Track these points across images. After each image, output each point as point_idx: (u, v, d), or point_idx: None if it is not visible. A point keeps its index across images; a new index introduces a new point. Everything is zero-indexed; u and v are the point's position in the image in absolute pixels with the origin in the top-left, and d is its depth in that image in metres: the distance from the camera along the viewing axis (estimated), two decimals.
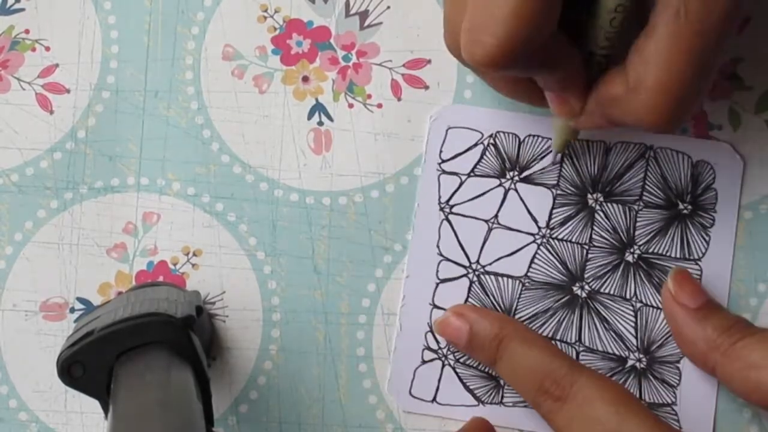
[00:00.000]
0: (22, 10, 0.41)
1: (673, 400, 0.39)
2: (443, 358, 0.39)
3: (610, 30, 0.32)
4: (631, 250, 0.39)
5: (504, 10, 0.29)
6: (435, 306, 0.40)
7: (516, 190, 0.40)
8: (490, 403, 0.39)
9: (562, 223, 0.40)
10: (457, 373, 0.39)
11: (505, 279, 0.40)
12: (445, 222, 0.40)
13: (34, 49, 0.41)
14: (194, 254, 0.41)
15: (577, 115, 0.35)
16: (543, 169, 0.40)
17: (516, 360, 0.37)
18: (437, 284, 0.40)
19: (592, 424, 0.34)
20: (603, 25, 0.32)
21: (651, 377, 0.39)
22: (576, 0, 0.31)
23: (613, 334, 0.39)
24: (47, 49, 0.41)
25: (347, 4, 0.41)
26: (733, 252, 0.39)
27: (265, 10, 0.41)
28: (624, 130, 0.39)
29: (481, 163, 0.40)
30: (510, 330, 0.38)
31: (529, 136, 0.40)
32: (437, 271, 0.40)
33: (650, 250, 0.39)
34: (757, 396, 0.35)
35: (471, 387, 0.39)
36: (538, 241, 0.40)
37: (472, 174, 0.40)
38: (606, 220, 0.39)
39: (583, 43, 0.33)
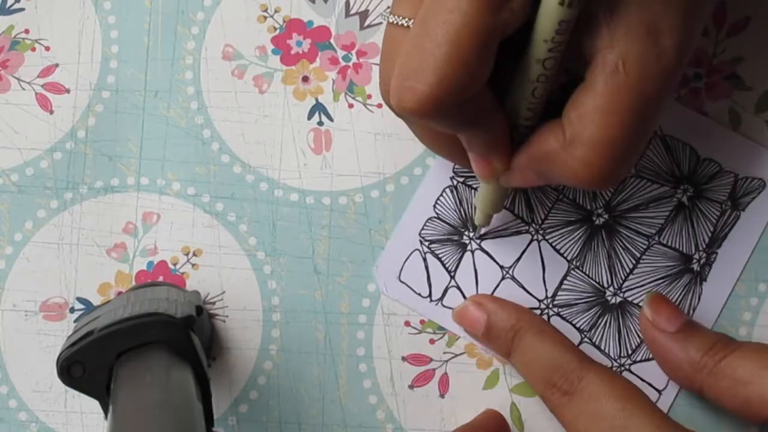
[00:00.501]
0: (22, 10, 0.41)
1: None
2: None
3: (532, 101, 0.31)
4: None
5: (437, 57, 0.28)
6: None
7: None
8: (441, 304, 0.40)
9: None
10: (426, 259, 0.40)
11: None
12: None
13: (34, 49, 0.41)
14: (194, 254, 0.41)
15: (499, 176, 0.34)
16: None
17: (528, 352, 0.37)
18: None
19: (598, 420, 0.34)
20: (525, 96, 0.31)
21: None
22: (503, 66, 0.31)
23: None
24: (47, 48, 0.41)
25: (347, 4, 0.41)
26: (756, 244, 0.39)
27: (265, 10, 0.41)
28: None
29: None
30: (526, 322, 0.38)
31: None
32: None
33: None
34: (747, 411, 0.35)
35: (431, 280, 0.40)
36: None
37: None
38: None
39: (510, 102, 0.32)
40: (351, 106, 0.41)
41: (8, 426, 0.40)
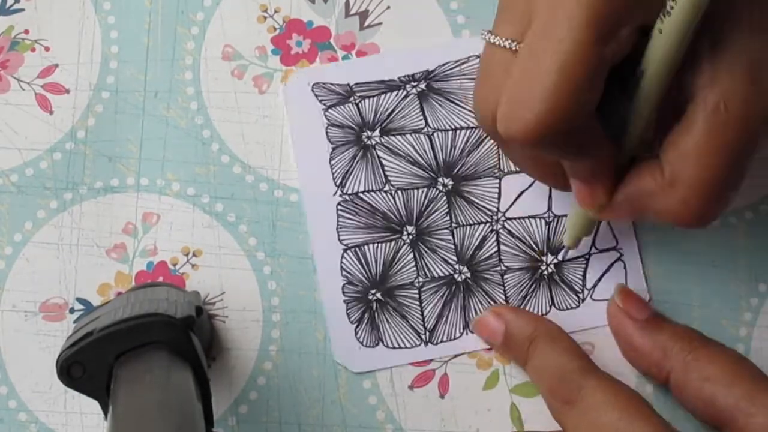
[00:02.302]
0: (22, 10, 0.41)
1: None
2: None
3: (644, 135, 0.31)
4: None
5: (546, 86, 0.28)
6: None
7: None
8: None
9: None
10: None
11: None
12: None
13: (33, 49, 0.41)
14: (194, 254, 0.41)
15: (602, 207, 0.34)
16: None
17: (539, 361, 0.37)
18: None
19: (597, 429, 0.34)
20: (636, 132, 0.31)
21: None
22: (613, 92, 0.31)
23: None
24: (47, 49, 0.41)
25: (347, 4, 0.41)
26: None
27: (265, 10, 0.41)
28: None
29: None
30: (542, 331, 0.38)
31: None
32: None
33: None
34: (707, 410, 0.35)
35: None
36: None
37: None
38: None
39: (615, 133, 0.32)
40: None
41: (8, 426, 0.40)
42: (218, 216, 0.41)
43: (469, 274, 0.40)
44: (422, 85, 0.40)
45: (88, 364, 0.32)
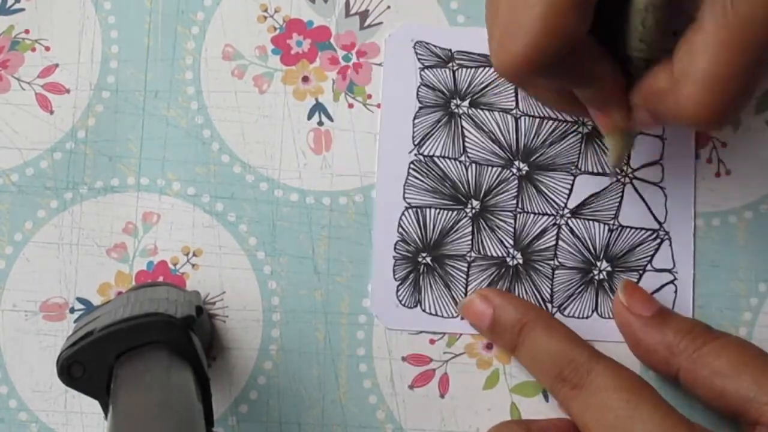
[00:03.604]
0: (22, 10, 0.41)
1: None
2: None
3: (643, 31, 0.31)
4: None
5: (530, 16, 0.29)
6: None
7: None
8: None
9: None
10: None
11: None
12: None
13: (34, 49, 0.41)
14: (194, 254, 0.41)
15: (622, 128, 0.34)
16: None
17: (537, 347, 0.37)
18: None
19: (604, 412, 0.34)
20: (636, 26, 0.31)
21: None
22: (609, 7, 0.31)
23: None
24: (47, 49, 0.41)
25: (347, 4, 0.41)
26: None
27: (265, 10, 0.41)
28: None
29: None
30: (532, 316, 0.38)
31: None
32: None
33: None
34: (719, 404, 0.35)
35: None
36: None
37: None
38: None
39: (620, 50, 0.32)
40: (351, 106, 0.41)
41: (8, 426, 0.40)
42: (218, 216, 0.41)
43: (521, 261, 0.40)
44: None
45: (89, 364, 0.32)
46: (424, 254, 0.40)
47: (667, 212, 0.40)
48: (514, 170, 0.40)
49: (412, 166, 0.40)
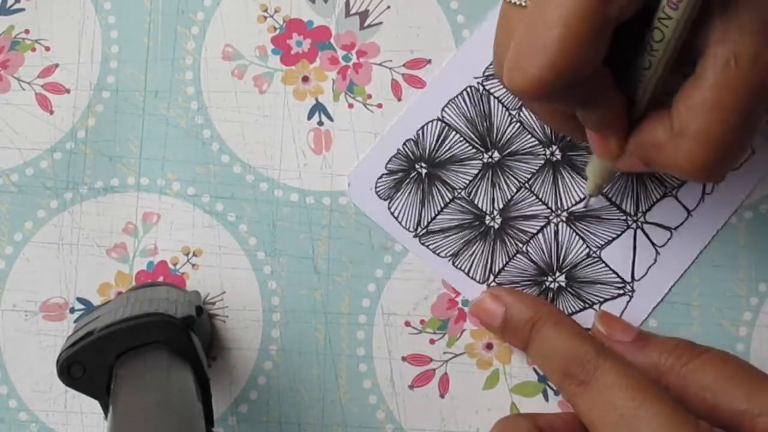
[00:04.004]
0: (22, 10, 0.41)
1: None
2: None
3: (644, 75, 0.32)
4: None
5: (550, 39, 0.29)
6: None
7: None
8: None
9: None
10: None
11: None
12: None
13: (34, 49, 0.41)
14: (194, 254, 0.41)
15: (616, 157, 0.34)
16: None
17: (546, 343, 0.37)
18: None
19: (610, 410, 0.34)
20: (649, 85, 0.32)
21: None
22: (624, 43, 0.31)
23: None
24: (47, 49, 0.41)
25: (347, 4, 0.41)
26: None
27: (265, 10, 0.41)
28: None
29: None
30: (544, 313, 0.38)
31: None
32: None
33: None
34: (713, 417, 0.35)
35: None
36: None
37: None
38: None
39: (628, 87, 0.32)
40: (351, 106, 0.41)
41: (8, 426, 0.40)
42: (218, 216, 0.41)
43: (497, 224, 0.40)
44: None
45: (89, 364, 0.32)
46: (423, 164, 0.40)
47: (646, 273, 0.40)
48: (548, 154, 0.40)
49: (466, 90, 0.40)
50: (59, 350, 0.33)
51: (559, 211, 0.40)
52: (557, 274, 0.40)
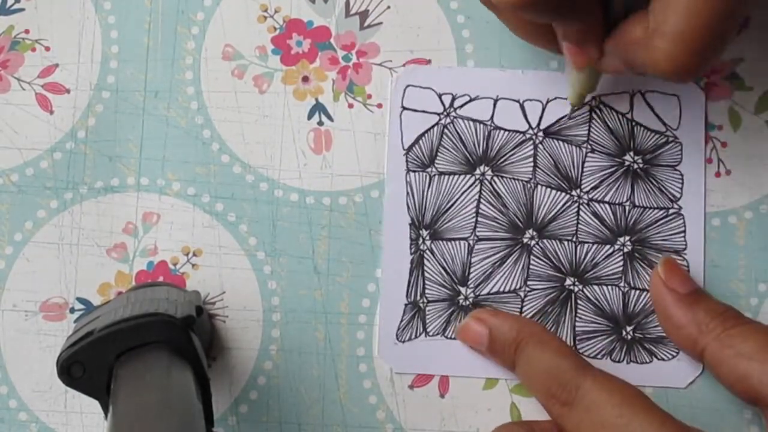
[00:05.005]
0: (22, 10, 0.41)
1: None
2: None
3: None
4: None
5: None
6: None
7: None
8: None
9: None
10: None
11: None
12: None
13: (34, 49, 0.41)
14: (194, 254, 0.41)
15: (593, 63, 0.34)
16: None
17: (530, 364, 0.37)
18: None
19: (598, 429, 0.34)
20: None
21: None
22: None
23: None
24: (47, 49, 0.41)
25: (347, 4, 0.41)
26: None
27: (265, 10, 0.41)
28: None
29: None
30: (526, 334, 0.38)
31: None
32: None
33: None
34: (741, 386, 0.35)
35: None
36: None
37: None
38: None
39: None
40: (351, 106, 0.41)
41: (8, 426, 0.40)
42: (218, 216, 0.41)
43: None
44: (425, 235, 0.40)
45: (89, 364, 0.32)
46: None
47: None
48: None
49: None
50: (59, 350, 0.33)
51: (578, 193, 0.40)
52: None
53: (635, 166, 0.40)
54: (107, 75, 0.41)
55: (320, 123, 0.41)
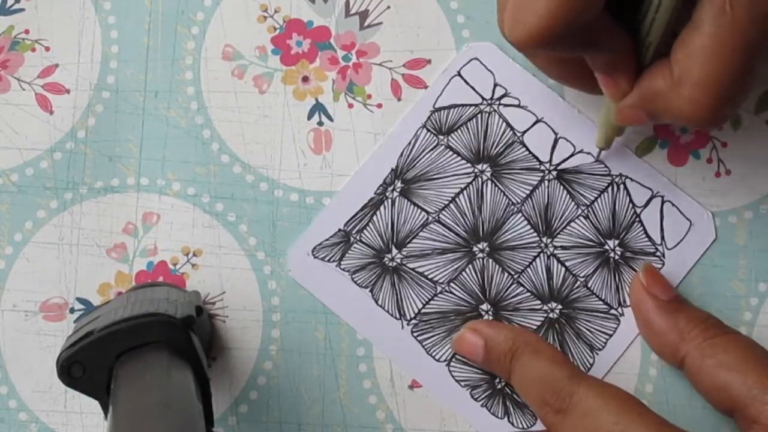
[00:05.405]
0: (22, 10, 0.41)
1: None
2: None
3: (656, 18, 0.32)
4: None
5: None
6: None
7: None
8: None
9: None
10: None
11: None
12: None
13: (34, 49, 0.41)
14: (194, 254, 0.41)
15: (625, 95, 0.34)
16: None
17: (524, 373, 0.37)
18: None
19: None
20: (650, 13, 0.32)
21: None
22: None
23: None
24: (47, 49, 0.41)
25: (347, 4, 0.41)
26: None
27: (265, 10, 0.41)
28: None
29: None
30: (521, 343, 0.37)
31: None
32: None
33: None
34: (719, 396, 0.35)
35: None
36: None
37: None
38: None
39: (634, 30, 0.33)
40: (351, 106, 0.41)
41: (8, 426, 0.40)
42: (218, 216, 0.41)
43: (561, 307, 0.39)
44: (398, 185, 0.40)
45: (89, 364, 0.32)
46: (497, 380, 0.40)
47: (604, 163, 0.40)
48: (480, 254, 0.40)
49: (415, 333, 0.40)
50: (59, 350, 0.33)
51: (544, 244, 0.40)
52: (611, 242, 0.40)
53: (612, 255, 0.40)
54: (107, 75, 0.41)
55: (320, 123, 0.41)
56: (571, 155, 0.40)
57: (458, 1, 0.41)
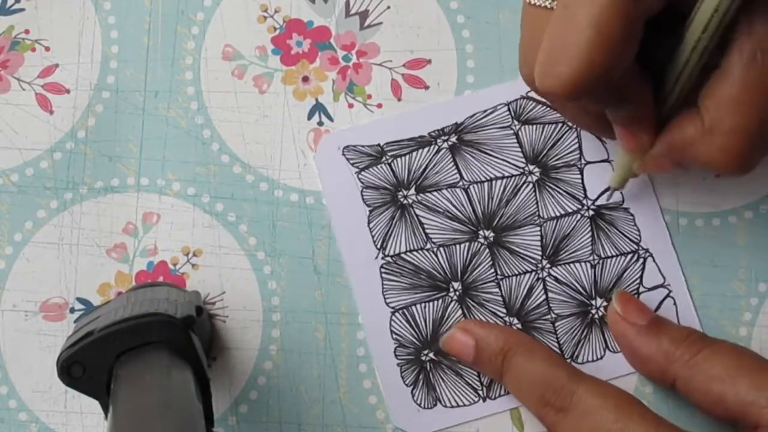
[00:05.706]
0: (22, 10, 0.41)
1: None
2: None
3: (687, 65, 0.31)
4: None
5: (580, 41, 0.29)
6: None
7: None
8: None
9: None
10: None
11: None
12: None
13: (34, 49, 0.41)
14: (194, 254, 0.41)
15: (646, 150, 0.34)
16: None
17: (520, 373, 0.37)
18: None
19: None
20: (681, 59, 0.32)
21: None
22: (656, 39, 0.31)
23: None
24: (47, 49, 0.41)
25: (347, 4, 0.41)
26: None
27: (265, 10, 0.41)
28: None
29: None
30: (513, 343, 0.38)
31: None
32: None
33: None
34: (718, 409, 0.35)
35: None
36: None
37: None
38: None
39: (659, 84, 0.33)
40: (351, 106, 0.41)
41: (8, 426, 0.40)
42: (218, 216, 0.41)
43: (520, 326, 0.39)
44: (453, 139, 0.40)
45: (89, 364, 0.32)
46: (425, 351, 0.39)
47: (639, 230, 0.40)
48: (482, 240, 0.40)
49: (383, 270, 0.40)
50: (59, 350, 0.33)
51: (540, 266, 0.40)
52: (594, 301, 0.39)
53: (594, 314, 0.39)
54: (107, 75, 0.41)
55: (320, 123, 0.41)
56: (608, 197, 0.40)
57: (458, 1, 0.41)
